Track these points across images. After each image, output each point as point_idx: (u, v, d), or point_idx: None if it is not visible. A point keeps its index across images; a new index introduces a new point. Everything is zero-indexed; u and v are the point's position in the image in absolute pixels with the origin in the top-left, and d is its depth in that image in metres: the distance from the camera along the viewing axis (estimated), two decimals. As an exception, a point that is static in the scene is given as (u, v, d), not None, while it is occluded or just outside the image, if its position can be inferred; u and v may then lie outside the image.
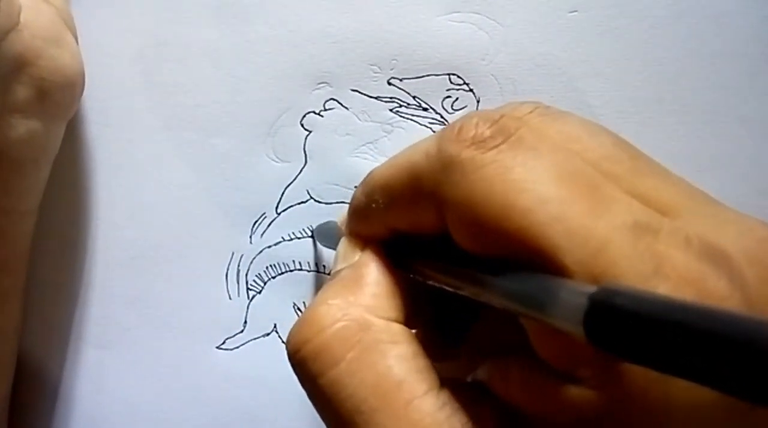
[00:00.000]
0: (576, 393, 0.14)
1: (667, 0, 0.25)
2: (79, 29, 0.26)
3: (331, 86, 0.27)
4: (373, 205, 0.18)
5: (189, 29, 0.27)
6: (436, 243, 0.17)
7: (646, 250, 0.13)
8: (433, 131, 0.27)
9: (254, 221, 0.28)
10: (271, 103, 0.27)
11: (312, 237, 0.28)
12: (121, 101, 0.28)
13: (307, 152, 0.27)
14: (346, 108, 0.27)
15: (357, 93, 0.27)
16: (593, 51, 0.25)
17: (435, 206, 0.16)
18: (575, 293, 0.12)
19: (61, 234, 0.29)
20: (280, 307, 0.28)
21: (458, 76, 0.26)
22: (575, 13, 0.25)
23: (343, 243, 0.20)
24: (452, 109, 0.26)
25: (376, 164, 0.27)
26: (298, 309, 0.28)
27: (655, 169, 0.16)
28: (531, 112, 0.16)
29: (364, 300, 0.17)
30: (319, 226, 0.27)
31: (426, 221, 0.16)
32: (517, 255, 0.14)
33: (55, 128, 0.26)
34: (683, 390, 0.13)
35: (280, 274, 0.28)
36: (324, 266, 0.28)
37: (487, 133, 0.15)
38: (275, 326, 0.28)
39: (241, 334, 0.28)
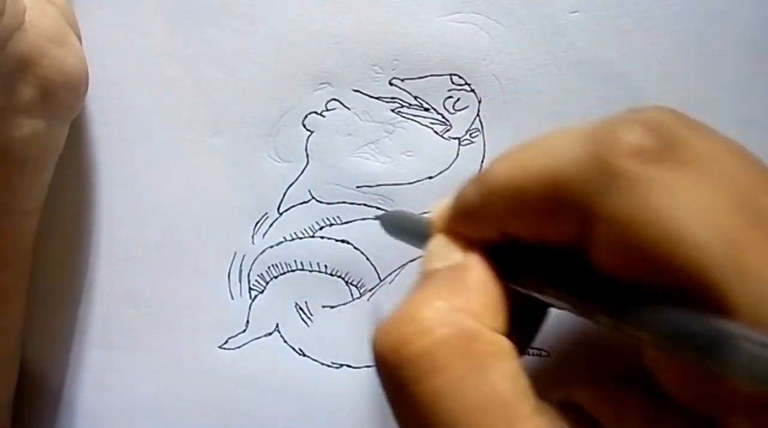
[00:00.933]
0: None
1: (667, 0, 0.25)
2: (82, 29, 0.27)
3: (332, 86, 0.27)
4: (490, 207, 0.16)
5: (191, 29, 0.27)
6: (556, 255, 0.15)
7: None
8: (435, 131, 0.27)
9: (256, 221, 0.28)
10: (273, 103, 0.27)
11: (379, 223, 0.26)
12: (124, 101, 0.28)
13: (308, 152, 0.27)
14: (348, 108, 0.27)
15: (358, 93, 0.27)
16: (594, 51, 0.26)
17: (579, 218, 0.14)
18: (761, 342, 0.11)
19: (63, 233, 0.29)
20: (282, 307, 0.28)
21: (459, 77, 0.26)
22: (576, 14, 0.26)
23: (441, 240, 0.18)
24: (453, 109, 0.27)
25: (378, 164, 0.27)
26: (300, 308, 0.28)
27: None
28: (676, 120, 0.15)
29: (472, 307, 0.16)
30: (390, 214, 0.25)
31: (561, 232, 0.15)
32: (670, 285, 0.13)
33: (59, 128, 0.26)
34: None
35: (282, 274, 0.28)
36: (334, 269, 0.28)
37: (651, 144, 0.14)
38: (277, 326, 0.28)
39: (243, 334, 0.28)
